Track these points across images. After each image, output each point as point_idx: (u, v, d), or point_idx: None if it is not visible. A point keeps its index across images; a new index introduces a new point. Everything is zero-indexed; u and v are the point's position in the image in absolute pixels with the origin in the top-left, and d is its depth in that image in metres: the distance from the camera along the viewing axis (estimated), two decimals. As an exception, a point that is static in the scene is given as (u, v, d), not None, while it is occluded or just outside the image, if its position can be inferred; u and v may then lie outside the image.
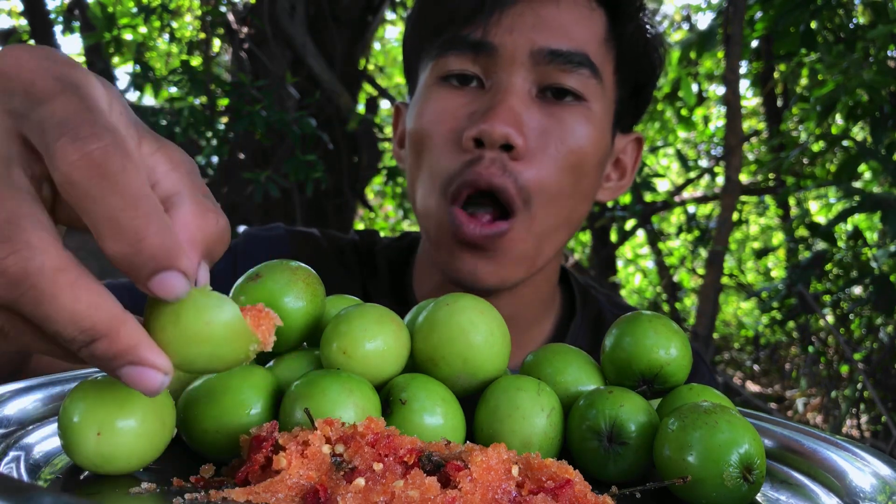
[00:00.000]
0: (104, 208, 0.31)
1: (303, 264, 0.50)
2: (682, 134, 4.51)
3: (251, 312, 0.38)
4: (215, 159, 2.86)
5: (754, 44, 3.14)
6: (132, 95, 3.63)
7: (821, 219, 3.82)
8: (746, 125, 4.22)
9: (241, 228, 3.32)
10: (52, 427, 0.45)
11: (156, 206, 0.32)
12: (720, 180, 3.91)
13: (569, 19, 0.82)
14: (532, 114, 0.80)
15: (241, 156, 3.19)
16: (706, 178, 4.21)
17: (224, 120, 3.09)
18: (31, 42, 3.60)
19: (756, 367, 4.63)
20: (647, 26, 0.90)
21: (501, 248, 0.79)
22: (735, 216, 2.43)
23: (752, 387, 4.26)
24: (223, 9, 3.17)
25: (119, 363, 0.33)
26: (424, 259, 0.93)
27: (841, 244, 2.44)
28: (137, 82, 2.71)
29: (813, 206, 4.46)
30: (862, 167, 2.64)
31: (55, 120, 0.33)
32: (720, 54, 3.25)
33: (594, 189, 0.88)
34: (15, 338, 0.34)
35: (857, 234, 2.45)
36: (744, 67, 3.41)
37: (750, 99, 4.29)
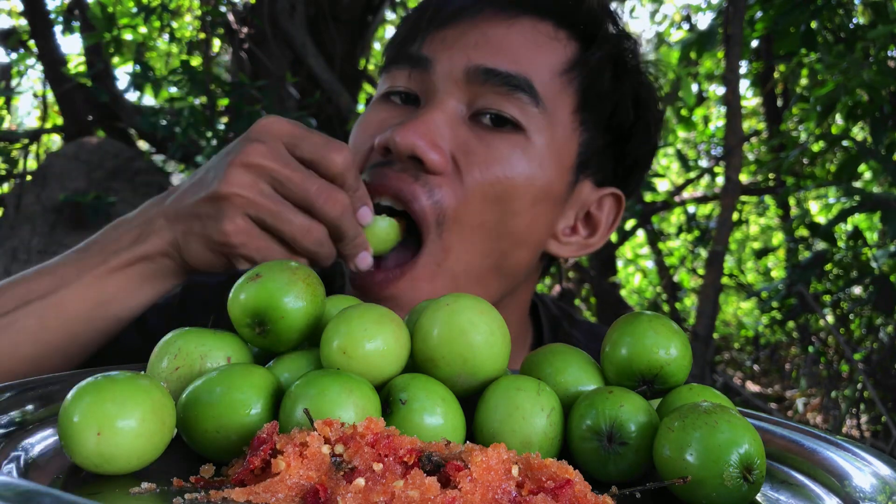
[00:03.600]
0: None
1: (302, 265, 0.50)
2: (682, 134, 4.51)
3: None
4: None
5: (754, 44, 3.14)
6: (132, 95, 3.63)
7: (821, 219, 3.82)
8: (746, 125, 4.22)
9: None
10: (52, 427, 0.45)
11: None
12: (720, 180, 3.90)
13: (519, 42, 0.76)
14: (458, 133, 0.74)
15: (241, 156, 3.18)
16: (706, 178, 4.21)
17: (224, 120, 3.09)
18: (31, 42, 3.61)
19: (756, 367, 4.63)
20: (632, 69, 0.82)
21: (409, 280, 0.73)
22: (735, 216, 2.43)
23: (752, 387, 4.26)
24: (223, 9, 3.17)
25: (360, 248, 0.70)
26: None
27: (841, 244, 2.44)
28: (137, 82, 2.71)
29: (813, 206, 4.46)
30: (862, 167, 2.64)
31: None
32: (720, 54, 3.24)
33: (536, 233, 0.78)
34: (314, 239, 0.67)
35: (857, 234, 2.45)
36: (744, 67, 3.42)
37: (750, 99, 4.29)
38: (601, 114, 0.80)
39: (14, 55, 3.85)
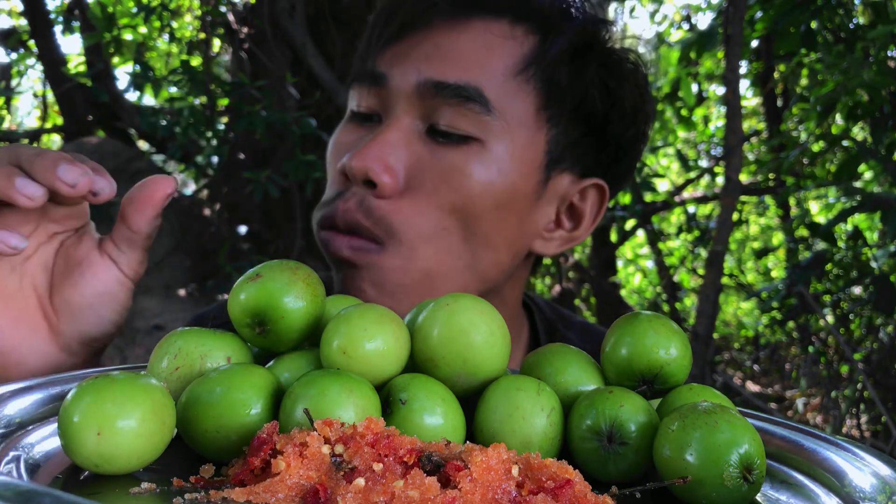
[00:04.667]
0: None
1: (302, 265, 0.50)
2: (682, 134, 4.51)
3: None
4: (215, 159, 2.86)
5: (754, 44, 3.14)
6: (132, 95, 3.63)
7: (821, 219, 3.82)
8: (746, 125, 4.22)
9: (242, 229, 3.33)
10: (52, 427, 0.45)
11: None
12: (720, 180, 3.91)
13: (471, 48, 0.74)
14: (412, 150, 0.74)
15: (241, 156, 3.19)
16: (706, 178, 4.21)
17: (224, 120, 3.09)
18: (31, 42, 3.61)
19: (756, 367, 4.63)
20: (598, 54, 0.79)
21: (375, 267, 0.73)
22: (735, 216, 2.43)
23: (752, 387, 4.26)
24: (223, 9, 3.17)
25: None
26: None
27: (841, 244, 2.44)
28: (137, 82, 2.71)
29: (813, 206, 4.46)
30: (862, 167, 2.64)
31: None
32: (720, 54, 3.25)
33: (507, 235, 0.77)
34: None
35: (857, 234, 2.45)
36: (744, 67, 3.42)
37: (750, 99, 4.29)
38: (568, 106, 0.78)
39: (14, 55, 3.85)
